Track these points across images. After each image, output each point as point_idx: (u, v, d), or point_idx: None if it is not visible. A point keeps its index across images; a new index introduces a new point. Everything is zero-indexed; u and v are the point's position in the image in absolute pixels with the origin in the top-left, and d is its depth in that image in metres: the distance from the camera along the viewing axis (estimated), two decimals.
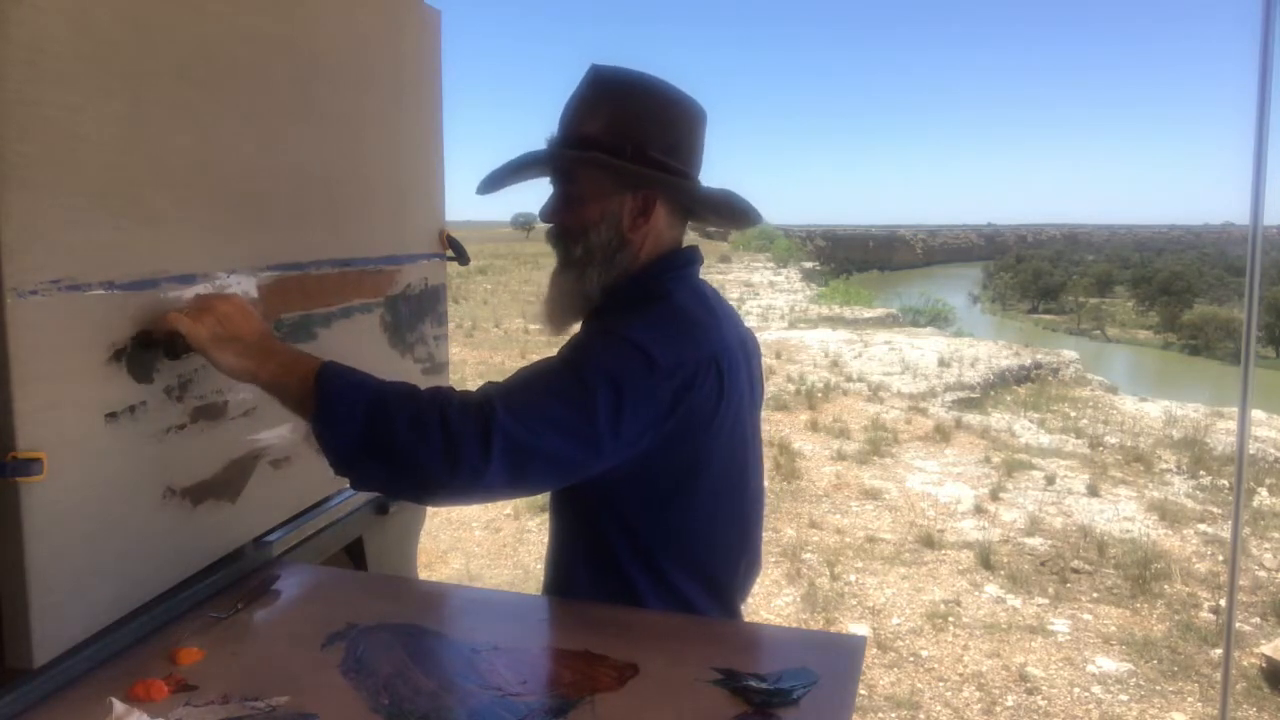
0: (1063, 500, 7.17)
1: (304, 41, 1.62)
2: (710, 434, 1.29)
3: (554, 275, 1.38)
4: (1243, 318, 2.83)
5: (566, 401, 1.16)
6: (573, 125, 1.32)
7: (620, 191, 1.31)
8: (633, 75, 1.34)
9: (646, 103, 1.32)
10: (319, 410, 1.15)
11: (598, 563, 1.37)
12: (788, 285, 33.53)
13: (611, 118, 1.30)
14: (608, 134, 1.29)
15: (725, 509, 1.38)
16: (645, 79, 1.34)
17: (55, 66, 1.10)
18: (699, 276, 1.43)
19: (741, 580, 1.46)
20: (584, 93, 1.33)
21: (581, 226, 1.32)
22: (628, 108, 1.31)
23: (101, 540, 1.20)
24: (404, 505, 2.10)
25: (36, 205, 1.08)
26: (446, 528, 6.07)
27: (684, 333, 1.28)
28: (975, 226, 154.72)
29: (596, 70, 1.34)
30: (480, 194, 1.43)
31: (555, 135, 1.34)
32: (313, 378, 1.16)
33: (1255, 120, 2.64)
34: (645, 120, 1.31)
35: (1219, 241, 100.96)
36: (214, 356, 1.21)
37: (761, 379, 1.56)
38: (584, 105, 1.32)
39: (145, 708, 1.05)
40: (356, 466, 1.16)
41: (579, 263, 1.34)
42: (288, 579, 1.48)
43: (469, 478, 1.12)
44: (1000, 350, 16.51)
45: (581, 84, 1.34)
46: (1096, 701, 4.03)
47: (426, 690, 1.11)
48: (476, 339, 15.49)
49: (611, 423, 1.16)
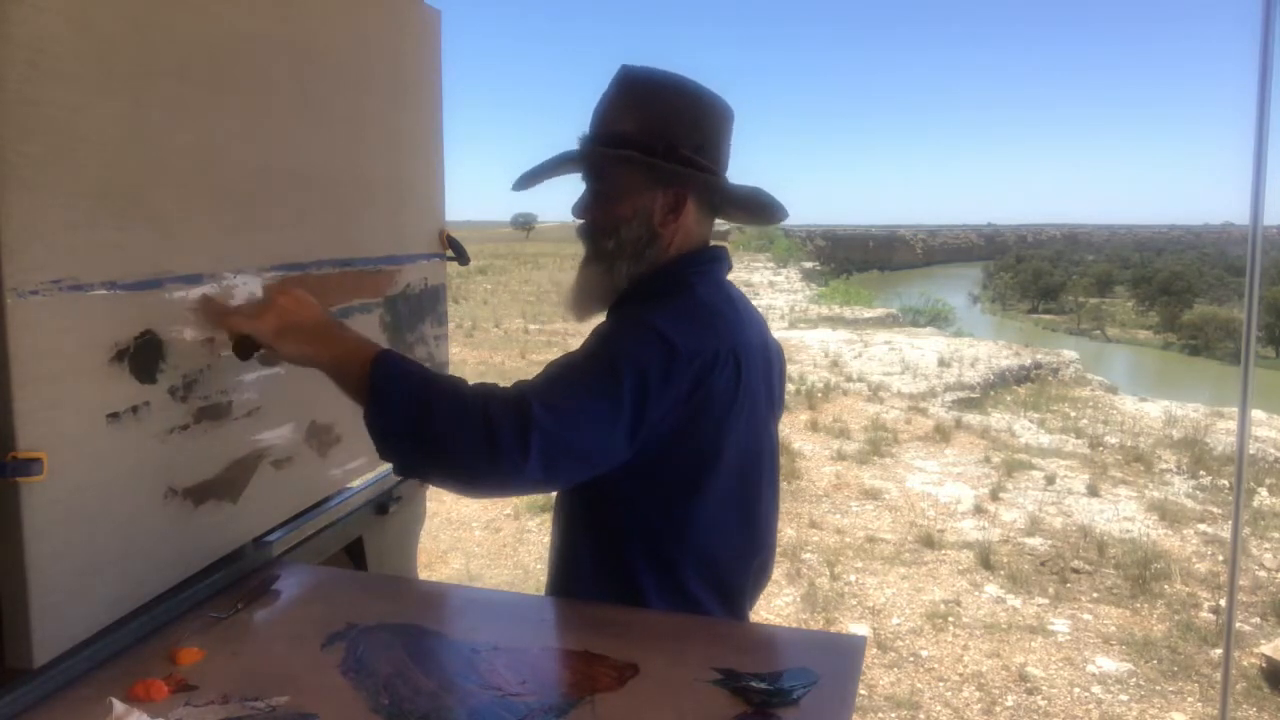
0: (1063, 500, 7.17)
1: (304, 41, 1.62)
2: (724, 427, 1.30)
3: (582, 266, 1.40)
4: (1243, 318, 2.83)
5: (598, 394, 1.19)
6: (605, 124, 1.35)
7: (652, 188, 1.34)
8: (663, 75, 1.37)
9: (676, 102, 1.35)
10: (370, 397, 1.19)
11: (604, 560, 1.37)
12: (787, 285, 33.54)
13: (644, 117, 1.33)
14: (641, 133, 1.31)
15: (736, 509, 1.38)
16: (675, 79, 1.37)
17: (56, 66, 1.10)
18: (726, 277, 1.45)
19: (751, 583, 1.46)
20: (615, 92, 1.36)
21: (614, 222, 1.35)
22: (659, 107, 1.34)
23: (101, 540, 1.20)
24: (404, 505, 2.10)
25: (37, 205, 1.08)
26: (446, 528, 6.07)
27: (704, 323, 1.30)
28: (975, 226, 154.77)
29: (627, 70, 1.37)
30: (517, 190, 1.47)
31: (587, 134, 1.37)
32: (369, 364, 1.20)
33: (1255, 120, 2.64)
34: (676, 119, 1.33)
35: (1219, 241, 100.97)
36: (279, 348, 1.26)
37: (783, 392, 1.57)
38: (616, 105, 1.35)
39: (145, 708, 1.05)
40: (401, 454, 1.21)
41: (610, 255, 1.36)
42: (288, 579, 1.48)
43: (509, 473, 1.15)
44: (1000, 350, 16.52)
45: (612, 84, 1.36)
46: (1096, 701, 4.03)
47: (426, 690, 1.11)
48: (476, 339, 15.50)
49: (639, 410, 1.19)
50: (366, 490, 1.97)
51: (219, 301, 1.36)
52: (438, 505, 6.31)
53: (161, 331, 1.29)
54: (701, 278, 1.37)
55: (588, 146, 1.36)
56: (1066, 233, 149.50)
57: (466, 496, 1.51)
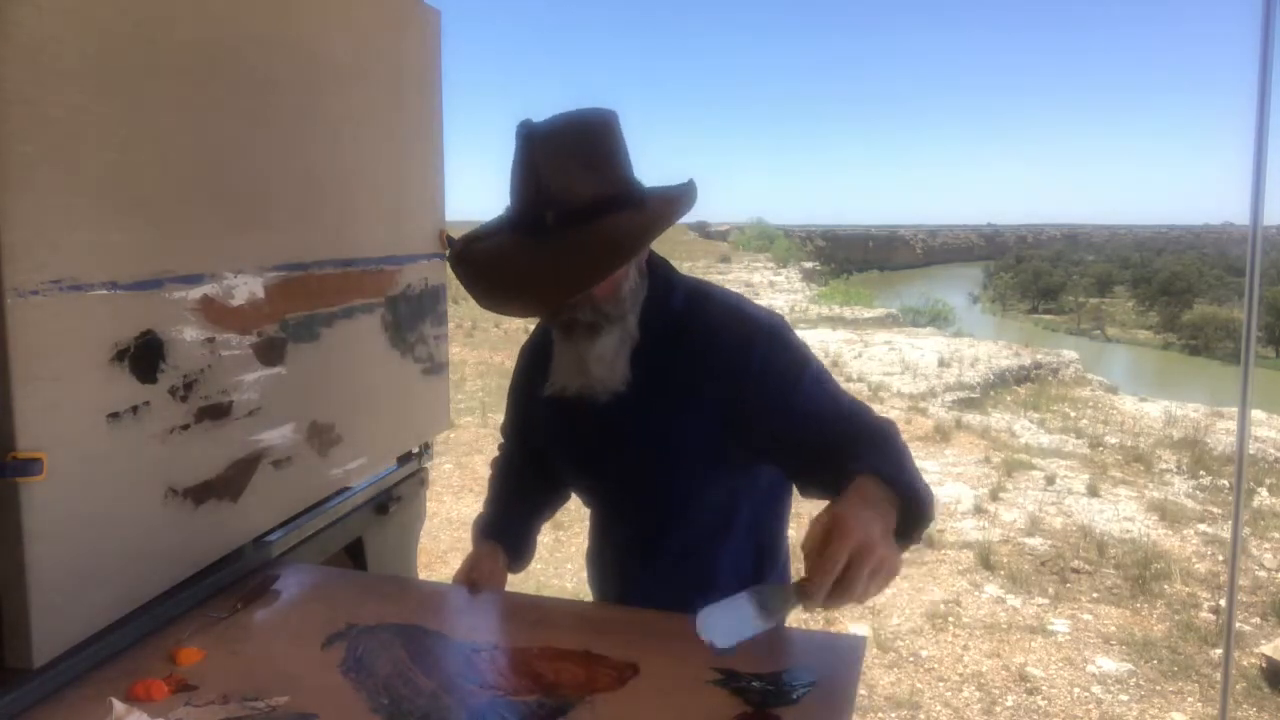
0: (1063, 500, 7.17)
1: (304, 41, 1.62)
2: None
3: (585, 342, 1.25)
4: (1243, 318, 2.83)
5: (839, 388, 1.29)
6: (570, 193, 1.16)
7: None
8: (574, 117, 1.21)
9: (604, 137, 1.22)
10: (910, 514, 1.09)
11: (759, 562, 1.46)
12: (788, 285, 33.53)
13: (597, 170, 1.18)
14: (607, 187, 1.18)
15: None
16: (584, 116, 1.22)
17: (57, 66, 1.10)
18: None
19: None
20: (552, 157, 1.16)
21: (616, 286, 1.25)
22: (599, 151, 1.20)
23: (101, 540, 1.20)
24: (404, 505, 2.10)
25: (38, 205, 1.08)
26: (446, 528, 6.06)
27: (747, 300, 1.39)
28: (975, 226, 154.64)
29: (538, 130, 1.18)
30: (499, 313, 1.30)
31: (546, 212, 1.15)
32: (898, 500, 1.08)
33: (1255, 120, 2.63)
34: (619, 154, 1.22)
35: (1219, 241, 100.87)
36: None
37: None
38: (564, 169, 1.16)
39: (145, 708, 1.05)
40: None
41: (621, 317, 1.27)
42: (288, 579, 1.48)
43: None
44: (1000, 350, 16.51)
45: (534, 150, 1.16)
46: (1096, 701, 4.03)
47: (426, 690, 1.11)
48: (476, 339, 15.49)
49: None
50: (366, 490, 1.97)
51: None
52: (438, 505, 6.31)
53: (161, 331, 1.29)
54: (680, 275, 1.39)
55: (568, 223, 1.15)
56: (1066, 233, 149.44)
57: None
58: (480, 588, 1.43)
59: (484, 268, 1.21)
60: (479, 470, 7.04)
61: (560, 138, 1.18)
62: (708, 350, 1.28)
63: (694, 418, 1.29)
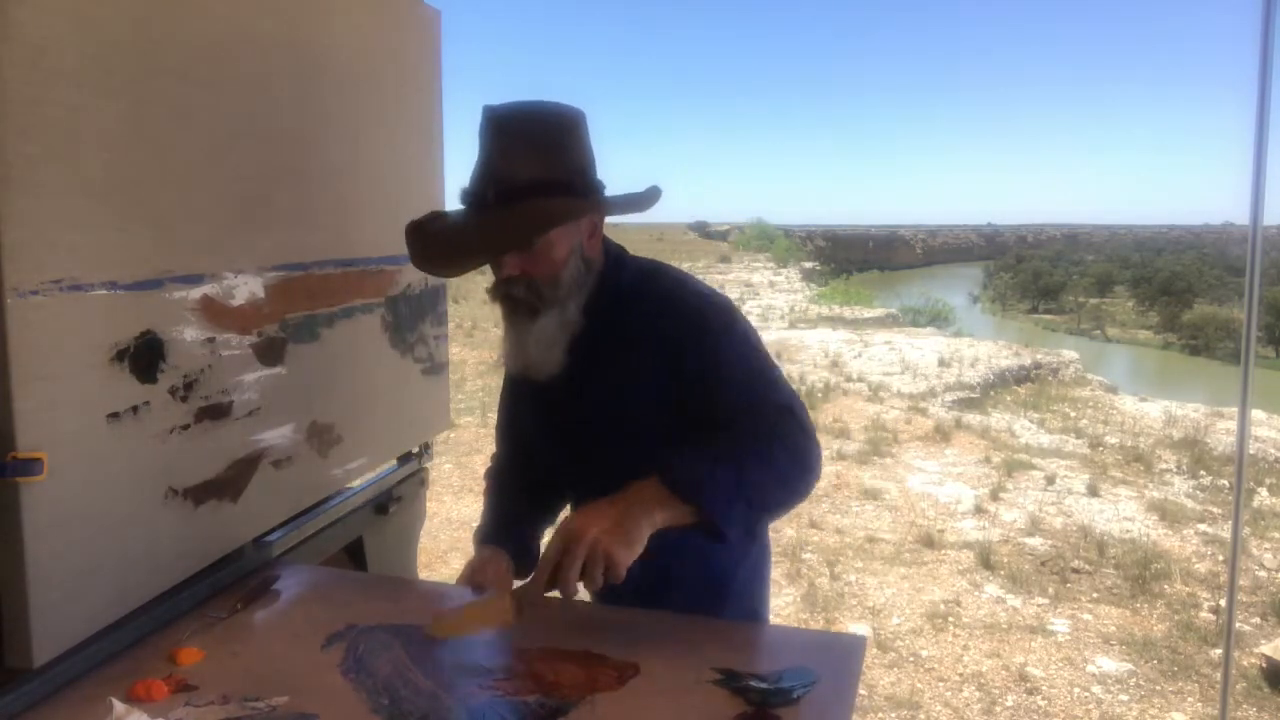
0: (1063, 500, 7.17)
1: (305, 42, 1.62)
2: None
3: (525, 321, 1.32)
4: (1243, 318, 2.83)
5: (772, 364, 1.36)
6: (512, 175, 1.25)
7: (577, 222, 1.31)
8: (534, 107, 1.30)
9: (564, 129, 1.30)
10: (715, 518, 1.19)
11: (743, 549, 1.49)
12: (788, 285, 33.52)
13: (547, 157, 1.27)
14: (553, 172, 1.26)
15: None
16: (545, 107, 1.31)
17: (57, 66, 1.10)
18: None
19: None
20: (504, 140, 1.27)
21: (554, 269, 1.30)
22: (554, 141, 1.28)
23: (101, 540, 1.20)
24: (404, 505, 2.10)
25: (38, 205, 1.08)
26: (446, 528, 6.06)
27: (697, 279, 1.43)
28: (975, 226, 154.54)
29: (498, 113, 1.28)
30: (432, 274, 1.44)
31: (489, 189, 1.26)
32: (690, 507, 1.19)
33: (1255, 120, 2.63)
34: (575, 146, 1.30)
35: (1219, 241, 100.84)
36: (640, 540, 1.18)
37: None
38: (512, 153, 1.26)
39: (145, 708, 1.06)
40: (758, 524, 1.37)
41: (559, 300, 1.32)
42: (288, 579, 1.48)
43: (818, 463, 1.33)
44: (1000, 350, 16.51)
45: (491, 133, 1.27)
46: (1096, 701, 4.03)
47: (426, 690, 1.11)
48: (476, 339, 15.48)
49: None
50: (366, 490, 1.97)
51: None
52: (438, 505, 6.31)
53: (161, 331, 1.29)
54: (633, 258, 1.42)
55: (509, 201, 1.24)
56: (1066, 233, 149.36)
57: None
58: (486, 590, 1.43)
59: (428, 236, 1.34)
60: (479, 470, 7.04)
61: (515, 124, 1.28)
62: (652, 327, 1.34)
63: (645, 396, 1.34)
